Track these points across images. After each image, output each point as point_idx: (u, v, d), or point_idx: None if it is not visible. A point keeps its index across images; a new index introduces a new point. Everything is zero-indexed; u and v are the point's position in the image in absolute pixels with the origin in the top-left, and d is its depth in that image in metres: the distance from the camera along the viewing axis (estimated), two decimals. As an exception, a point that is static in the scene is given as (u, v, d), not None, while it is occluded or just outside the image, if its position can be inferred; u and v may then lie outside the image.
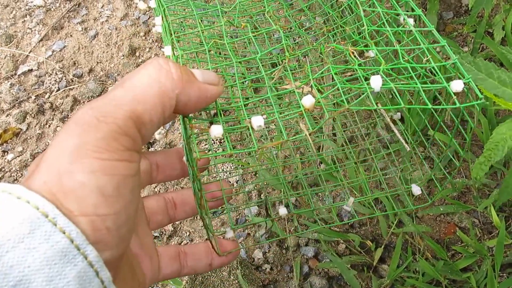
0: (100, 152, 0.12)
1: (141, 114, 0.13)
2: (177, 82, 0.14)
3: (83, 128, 0.13)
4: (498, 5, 0.52)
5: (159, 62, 0.14)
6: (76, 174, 0.12)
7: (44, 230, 0.11)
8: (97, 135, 0.12)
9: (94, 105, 0.13)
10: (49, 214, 0.12)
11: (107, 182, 0.12)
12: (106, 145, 0.12)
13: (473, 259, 0.41)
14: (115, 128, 0.13)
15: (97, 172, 0.12)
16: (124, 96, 0.13)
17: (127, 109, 0.13)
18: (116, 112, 0.13)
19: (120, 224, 0.13)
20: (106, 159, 0.12)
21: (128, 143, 0.13)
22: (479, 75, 0.24)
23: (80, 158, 0.12)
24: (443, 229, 0.45)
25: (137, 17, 0.62)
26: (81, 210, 0.12)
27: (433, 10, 0.54)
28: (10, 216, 0.11)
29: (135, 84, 0.14)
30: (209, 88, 0.15)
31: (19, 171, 0.53)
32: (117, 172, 0.12)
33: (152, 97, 0.14)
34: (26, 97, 0.57)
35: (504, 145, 0.22)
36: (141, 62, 0.59)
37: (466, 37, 0.55)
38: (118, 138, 0.13)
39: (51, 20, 0.62)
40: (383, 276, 0.43)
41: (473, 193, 0.46)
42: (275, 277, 0.45)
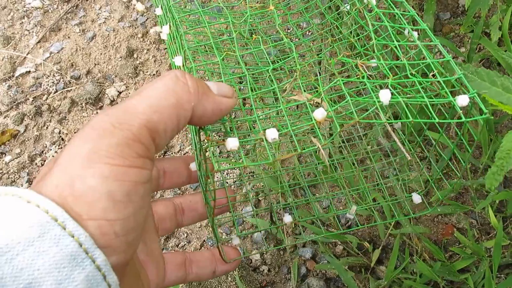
0: (113, 158, 0.12)
1: (156, 123, 0.14)
2: (193, 94, 0.15)
3: (98, 134, 0.13)
4: (495, 5, 0.52)
5: (176, 74, 0.15)
6: (87, 178, 0.12)
7: (53, 234, 0.12)
8: (111, 141, 0.13)
9: (110, 112, 0.13)
10: (59, 218, 0.12)
11: (118, 188, 0.12)
12: (120, 151, 0.13)
13: (470, 260, 0.41)
14: (130, 135, 0.13)
15: (108, 177, 0.12)
16: (140, 105, 0.14)
17: (143, 117, 0.13)
18: (131, 120, 0.13)
19: (128, 230, 0.13)
20: (118, 165, 0.12)
21: (141, 151, 0.13)
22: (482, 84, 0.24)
23: (92, 163, 0.12)
24: (441, 230, 0.45)
25: (135, 18, 0.62)
26: (90, 214, 0.12)
27: (430, 10, 0.54)
28: (20, 219, 0.11)
29: (151, 94, 0.14)
30: (223, 101, 0.16)
31: (17, 173, 0.53)
32: (128, 179, 0.13)
33: (168, 107, 0.14)
34: (24, 99, 0.57)
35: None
36: (139, 63, 0.59)
37: (463, 37, 0.55)
38: (131, 145, 0.13)
39: (48, 21, 0.62)
40: (380, 277, 0.43)
41: (470, 194, 0.46)
42: (272, 278, 0.45)
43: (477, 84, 0.23)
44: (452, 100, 0.14)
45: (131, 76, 0.58)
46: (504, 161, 0.22)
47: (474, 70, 0.24)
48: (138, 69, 0.59)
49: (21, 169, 0.53)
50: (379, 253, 0.43)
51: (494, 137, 0.44)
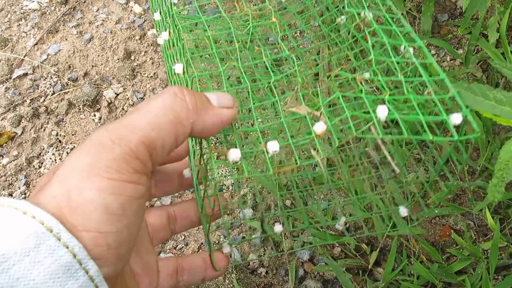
0: (110, 172, 0.13)
1: (154, 140, 0.14)
2: (192, 111, 0.15)
3: (97, 148, 0.13)
4: (493, 7, 0.52)
5: (175, 91, 0.15)
6: (84, 190, 0.13)
7: (49, 245, 0.12)
8: (110, 156, 0.13)
9: (110, 128, 0.14)
10: (54, 229, 0.12)
11: (113, 201, 0.13)
12: (117, 166, 0.13)
13: (468, 262, 0.41)
14: (128, 151, 0.13)
15: (105, 191, 0.13)
16: (139, 121, 0.14)
17: (141, 134, 0.14)
18: (130, 136, 0.13)
19: (120, 243, 0.13)
20: (115, 179, 0.13)
21: (138, 166, 0.13)
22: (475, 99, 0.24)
23: (90, 176, 0.13)
24: (438, 232, 0.45)
25: (132, 20, 0.62)
26: (85, 225, 0.12)
27: (428, 12, 0.55)
28: (17, 230, 0.12)
29: (150, 111, 0.14)
30: (224, 113, 0.16)
31: (14, 175, 0.53)
32: (124, 193, 0.13)
33: (166, 124, 0.14)
34: (21, 100, 0.57)
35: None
36: (136, 65, 0.59)
37: (461, 39, 0.55)
38: (129, 160, 0.13)
39: (46, 23, 0.62)
40: (378, 279, 0.43)
41: (468, 196, 0.46)
42: (270, 280, 0.45)
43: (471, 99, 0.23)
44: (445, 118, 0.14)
45: (128, 78, 0.58)
46: (503, 172, 0.22)
47: (466, 86, 0.24)
48: (136, 71, 0.59)
49: (19, 171, 0.53)
50: (377, 255, 0.43)
51: (492, 139, 0.44)
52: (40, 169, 0.53)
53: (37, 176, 0.53)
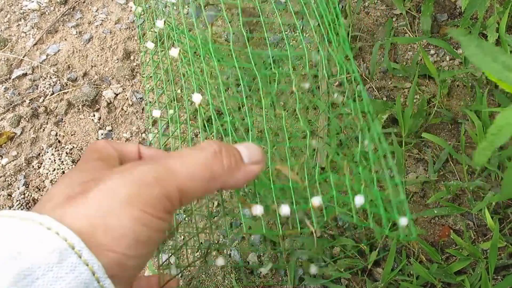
0: (146, 206, 0.15)
1: (188, 189, 0.16)
2: (226, 171, 0.17)
3: (139, 183, 0.15)
4: (492, 7, 0.52)
5: (215, 150, 0.17)
6: (121, 216, 0.14)
7: (71, 261, 0.13)
8: (149, 193, 0.15)
9: (154, 167, 0.16)
10: (75, 246, 0.13)
11: (143, 231, 0.15)
12: (153, 203, 0.15)
13: (467, 262, 0.41)
14: (165, 192, 0.15)
15: (138, 221, 0.14)
16: (180, 170, 0.16)
17: (179, 182, 0.16)
18: (169, 181, 0.16)
19: (136, 266, 0.15)
20: (148, 213, 0.15)
21: (168, 207, 0.16)
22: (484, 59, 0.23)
23: (129, 205, 0.15)
24: (438, 232, 0.45)
25: (132, 20, 0.62)
26: (113, 246, 0.14)
27: (427, 12, 0.55)
28: (41, 245, 0.13)
29: (191, 162, 0.16)
30: (253, 169, 0.18)
31: (14, 175, 0.53)
32: (152, 226, 0.15)
33: (201, 180, 0.16)
34: (21, 101, 0.57)
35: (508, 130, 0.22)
36: (136, 65, 0.59)
37: (460, 39, 0.55)
38: (163, 201, 0.15)
39: (45, 24, 0.62)
40: (377, 279, 0.43)
41: (467, 196, 0.46)
42: (269, 281, 0.45)
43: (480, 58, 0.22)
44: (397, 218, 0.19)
45: (128, 78, 0.58)
46: (495, 137, 0.21)
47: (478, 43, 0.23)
48: (135, 71, 0.59)
49: (18, 171, 0.53)
50: (376, 255, 0.43)
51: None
52: (39, 169, 0.53)
53: (36, 176, 0.53)
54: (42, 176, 0.52)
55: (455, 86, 0.53)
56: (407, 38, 0.56)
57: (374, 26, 0.58)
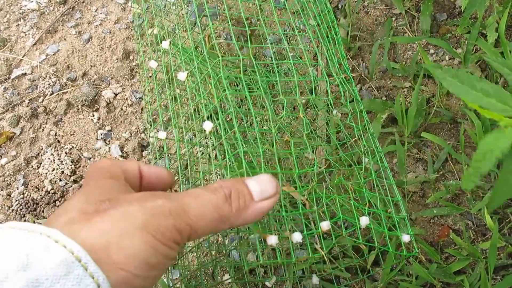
0: (158, 234, 0.16)
1: (197, 227, 0.17)
2: (234, 214, 0.18)
3: (155, 213, 0.16)
4: (492, 7, 0.52)
5: (225, 194, 0.18)
6: (135, 239, 0.16)
7: (77, 274, 0.14)
8: (163, 223, 0.16)
9: (170, 203, 0.17)
10: (82, 259, 0.14)
11: (153, 255, 0.16)
12: (164, 232, 0.16)
13: (466, 262, 0.41)
14: (177, 225, 0.17)
15: (150, 245, 0.16)
16: (193, 209, 0.18)
17: (191, 219, 0.17)
18: (183, 215, 0.17)
19: (142, 286, 0.16)
20: (159, 241, 0.16)
21: (177, 238, 0.17)
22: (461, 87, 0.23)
23: (144, 230, 0.16)
24: (437, 232, 0.45)
25: (131, 20, 0.62)
26: (124, 265, 0.15)
27: (427, 11, 0.54)
28: (49, 257, 0.13)
29: (203, 204, 0.18)
30: (264, 205, 0.19)
31: (13, 175, 0.53)
32: (162, 252, 0.16)
33: (211, 220, 0.18)
34: (20, 101, 0.57)
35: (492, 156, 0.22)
36: (135, 65, 0.59)
37: (460, 38, 0.55)
38: (174, 232, 0.17)
39: (45, 23, 0.62)
40: (376, 279, 0.43)
41: (466, 195, 0.46)
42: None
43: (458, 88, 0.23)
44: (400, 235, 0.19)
45: (127, 78, 0.58)
46: (480, 163, 0.22)
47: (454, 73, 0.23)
48: (135, 71, 0.59)
49: (17, 171, 0.53)
50: (376, 255, 0.43)
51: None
52: (38, 169, 0.53)
53: (35, 176, 0.53)
54: (41, 176, 0.52)
55: (455, 86, 0.53)
56: (406, 38, 0.56)
57: (374, 26, 0.58)
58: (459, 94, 0.22)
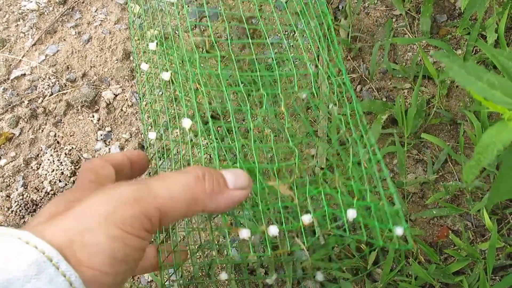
0: (125, 225, 0.15)
1: (168, 210, 0.16)
2: (208, 195, 0.17)
3: (119, 202, 0.15)
4: (491, 8, 0.52)
5: (198, 174, 0.17)
6: (99, 233, 0.15)
7: (48, 273, 0.13)
8: (128, 212, 0.15)
9: (136, 188, 0.16)
10: (53, 259, 0.14)
11: (120, 249, 0.15)
12: (132, 222, 0.15)
13: (465, 263, 0.41)
14: (144, 212, 0.16)
15: (115, 239, 0.15)
16: (162, 192, 0.16)
17: (160, 202, 0.16)
18: (150, 201, 0.16)
19: (114, 283, 0.15)
20: (126, 232, 0.15)
21: (147, 226, 0.16)
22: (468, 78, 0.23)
23: (107, 223, 0.15)
24: (436, 232, 0.45)
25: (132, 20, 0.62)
26: (89, 263, 0.14)
27: (427, 13, 0.55)
28: (20, 258, 0.13)
29: (173, 185, 0.17)
30: (237, 195, 0.18)
31: (12, 176, 0.53)
32: (130, 244, 0.15)
33: (183, 201, 0.17)
34: (19, 101, 0.57)
35: (494, 149, 0.22)
36: (135, 66, 0.59)
37: (460, 39, 0.55)
38: (142, 220, 0.16)
39: (44, 24, 0.62)
40: (376, 279, 0.43)
41: (466, 196, 0.46)
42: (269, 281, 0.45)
43: (464, 78, 0.23)
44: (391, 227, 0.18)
45: (127, 78, 0.58)
46: (481, 156, 0.22)
47: (461, 63, 0.23)
48: (135, 71, 0.59)
49: (16, 172, 0.53)
50: (376, 256, 0.43)
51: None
52: (38, 170, 0.53)
53: (35, 177, 0.53)
54: (41, 177, 0.52)
55: (454, 87, 0.53)
56: (406, 39, 0.56)
57: (374, 27, 0.58)
58: (464, 84, 0.22)
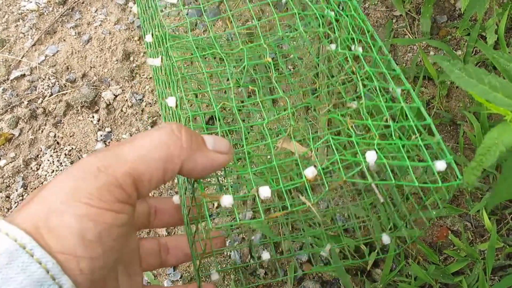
0: (92, 199, 0.13)
1: (142, 173, 0.14)
2: (185, 149, 0.15)
3: (83, 174, 0.13)
4: (491, 9, 0.52)
5: (172, 128, 0.15)
6: (64, 214, 0.13)
7: (21, 261, 0.12)
8: (94, 184, 0.13)
9: (100, 155, 0.14)
10: (27, 246, 0.12)
11: (91, 228, 0.13)
12: (100, 194, 0.13)
13: (464, 263, 0.41)
14: (113, 180, 0.13)
15: (83, 217, 0.13)
16: (130, 153, 0.14)
17: (130, 165, 0.14)
18: (117, 166, 0.14)
19: (94, 269, 0.13)
20: (95, 207, 0.13)
21: (121, 196, 0.14)
22: (469, 81, 0.23)
23: (72, 200, 0.13)
24: (436, 233, 0.46)
25: (131, 21, 0.62)
26: (59, 248, 0.13)
27: (427, 14, 0.55)
28: None
29: (143, 144, 0.14)
30: (216, 157, 0.16)
31: (12, 177, 0.53)
32: (103, 221, 0.13)
33: (156, 159, 0.14)
34: (19, 102, 0.56)
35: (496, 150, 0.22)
36: (135, 66, 0.59)
37: (460, 40, 0.55)
38: (112, 190, 0.13)
39: (44, 24, 0.62)
40: (376, 280, 0.43)
41: (465, 197, 0.46)
42: (269, 282, 0.45)
43: (465, 81, 0.23)
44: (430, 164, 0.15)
45: (127, 79, 0.58)
46: (483, 157, 0.22)
47: (462, 66, 0.23)
48: (135, 72, 0.59)
49: (16, 173, 0.53)
50: (375, 256, 0.43)
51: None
52: (37, 171, 0.53)
53: (34, 178, 0.53)
54: (41, 178, 0.52)
55: (454, 88, 0.53)
56: (406, 40, 0.56)
57: (374, 27, 0.58)
58: (466, 87, 0.22)
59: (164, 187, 0.50)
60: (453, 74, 0.22)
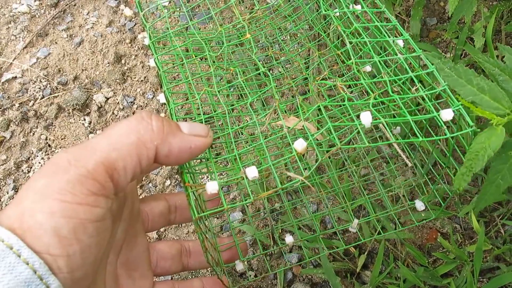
0: (63, 194, 0.13)
1: (115, 161, 0.14)
2: (156, 133, 0.15)
3: (53, 170, 0.13)
4: (479, 12, 0.52)
5: (142, 115, 0.15)
6: (36, 212, 0.12)
7: (8, 262, 0.12)
8: (64, 178, 0.13)
9: (70, 149, 0.14)
10: (14, 246, 0.12)
11: (64, 225, 0.12)
12: (71, 188, 0.13)
13: (453, 265, 0.41)
14: (84, 172, 0.13)
15: (55, 213, 0.12)
16: (100, 143, 0.14)
17: (100, 155, 0.14)
18: (88, 157, 0.13)
19: (73, 267, 0.13)
20: (67, 202, 0.13)
21: (94, 188, 0.13)
22: (458, 81, 0.24)
23: (43, 198, 0.13)
24: (425, 235, 0.46)
25: (123, 24, 0.62)
26: (35, 247, 0.12)
27: (417, 16, 0.55)
28: None
29: (113, 132, 0.14)
30: (193, 140, 0.15)
31: (3, 179, 0.52)
32: (76, 216, 0.13)
33: (128, 145, 0.14)
34: (10, 104, 0.56)
35: (484, 155, 0.23)
36: (127, 69, 0.59)
37: (449, 43, 0.56)
38: (84, 182, 0.13)
39: (35, 27, 0.62)
40: (365, 282, 0.43)
41: (454, 199, 0.46)
42: (259, 284, 0.45)
43: (453, 80, 0.23)
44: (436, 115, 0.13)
45: (119, 82, 0.58)
46: (472, 162, 0.22)
47: (452, 65, 0.23)
48: (126, 75, 0.59)
49: (7, 176, 0.53)
50: (365, 258, 0.43)
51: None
52: (29, 173, 0.53)
53: (25, 180, 0.53)
54: (32, 181, 0.52)
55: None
56: (396, 42, 0.56)
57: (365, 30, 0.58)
58: (454, 87, 0.22)
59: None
60: (443, 73, 0.23)
